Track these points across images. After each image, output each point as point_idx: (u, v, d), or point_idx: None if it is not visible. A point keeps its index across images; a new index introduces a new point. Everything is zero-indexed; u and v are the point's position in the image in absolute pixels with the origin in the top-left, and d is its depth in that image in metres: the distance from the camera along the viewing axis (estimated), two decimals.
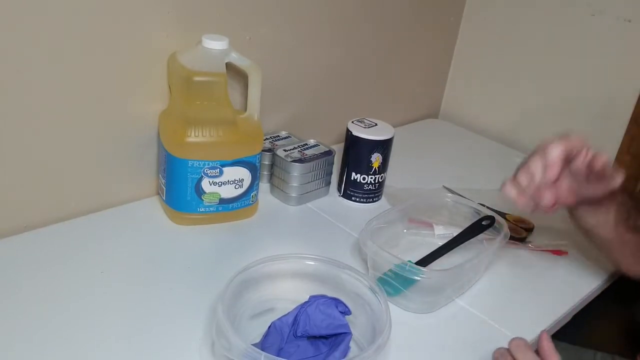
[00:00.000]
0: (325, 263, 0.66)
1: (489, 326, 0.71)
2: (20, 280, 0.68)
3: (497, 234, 0.78)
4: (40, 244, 0.74)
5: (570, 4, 1.14)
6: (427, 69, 1.33)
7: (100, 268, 0.71)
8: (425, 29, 1.25)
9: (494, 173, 1.13)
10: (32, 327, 0.61)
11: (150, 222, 0.83)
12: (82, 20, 0.72)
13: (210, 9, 0.84)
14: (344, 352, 0.59)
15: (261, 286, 0.65)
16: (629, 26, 1.07)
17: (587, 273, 0.84)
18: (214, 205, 0.82)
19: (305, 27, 1.00)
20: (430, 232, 0.86)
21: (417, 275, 0.68)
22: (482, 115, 1.35)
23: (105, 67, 0.77)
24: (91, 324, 0.63)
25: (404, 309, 0.72)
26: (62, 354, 0.59)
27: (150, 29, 0.79)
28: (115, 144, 0.83)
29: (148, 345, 0.61)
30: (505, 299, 0.76)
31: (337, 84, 1.12)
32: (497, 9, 1.26)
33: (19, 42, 0.68)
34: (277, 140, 0.99)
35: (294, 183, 0.90)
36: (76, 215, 0.81)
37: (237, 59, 0.80)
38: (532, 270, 0.83)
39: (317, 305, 0.62)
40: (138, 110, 0.83)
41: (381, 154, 0.91)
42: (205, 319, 0.65)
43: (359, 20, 1.09)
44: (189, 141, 0.77)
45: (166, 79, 0.83)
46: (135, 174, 0.87)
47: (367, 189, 0.94)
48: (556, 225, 0.95)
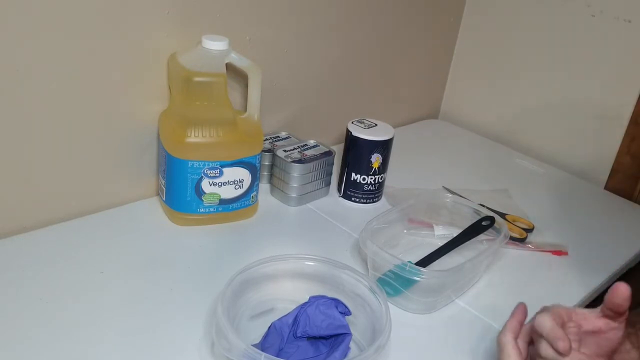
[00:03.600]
0: (325, 263, 0.66)
1: (489, 326, 0.71)
2: (20, 280, 0.68)
3: (497, 234, 0.78)
4: (40, 244, 0.74)
5: (570, 4, 1.14)
6: (427, 69, 1.33)
7: (100, 268, 0.71)
8: (425, 29, 1.25)
9: (494, 173, 1.14)
10: (32, 327, 0.61)
11: (150, 222, 0.83)
12: (81, 20, 0.72)
13: (210, 9, 0.84)
14: (344, 353, 0.59)
15: (261, 286, 0.65)
16: (629, 26, 1.07)
17: (587, 273, 0.84)
18: (214, 205, 0.82)
19: (305, 27, 1.00)
20: (430, 232, 0.86)
21: (417, 276, 0.68)
22: (482, 115, 1.35)
23: (105, 67, 0.77)
24: (91, 324, 0.63)
25: (404, 309, 0.72)
26: (62, 354, 0.59)
27: (150, 29, 0.79)
28: (115, 145, 0.83)
29: (148, 345, 0.61)
30: (505, 299, 0.76)
31: (337, 84, 1.12)
32: (497, 9, 1.26)
33: (19, 42, 0.68)
34: (277, 140, 0.99)
35: (293, 183, 0.90)
36: (76, 215, 0.81)
37: (237, 59, 0.80)
38: (532, 271, 0.83)
39: (317, 305, 0.62)
40: (138, 111, 0.83)
41: (381, 154, 0.91)
42: (205, 319, 0.65)
43: (358, 20, 1.09)
44: (189, 141, 0.77)
45: (166, 79, 0.83)
46: (135, 174, 0.87)
47: (367, 189, 0.94)
48: (556, 225, 0.95)
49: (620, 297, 0.53)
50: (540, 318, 0.55)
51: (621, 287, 0.53)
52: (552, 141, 1.23)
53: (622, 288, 0.53)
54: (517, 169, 1.17)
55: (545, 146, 1.24)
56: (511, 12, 1.24)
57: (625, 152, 1.12)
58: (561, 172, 1.18)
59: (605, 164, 1.15)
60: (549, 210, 1.01)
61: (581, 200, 1.08)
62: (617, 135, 1.12)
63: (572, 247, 0.88)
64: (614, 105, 1.12)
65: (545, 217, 0.97)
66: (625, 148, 1.12)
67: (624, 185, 1.13)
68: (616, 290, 0.53)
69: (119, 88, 0.80)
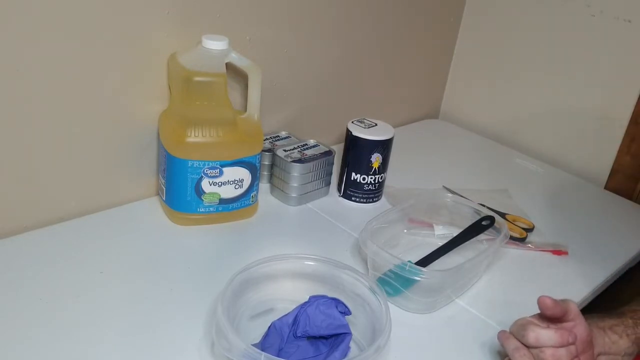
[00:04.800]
0: (325, 263, 0.66)
1: (489, 326, 0.71)
2: (20, 280, 0.68)
3: (497, 234, 0.78)
4: (40, 244, 0.74)
5: (570, 4, 1.14)
6: (427, 69, 1.33)
7: (100, 268, 0.71)
8: (425, 29, 1.25)
9: (494, 173, 1.14)
10: (32, 327, 0.61)
11: (150, 222, 0.83)
12: (81, 20, 0.72)
13: (210, 9, 0.84)
14: (344, 353, 0.59)
15: (261, 286, 0.65)
16: (629, 26, 1.07)
17: (587, 273, 0.84)
18: (214, 205, 0.82)
19: (305, 27, 1.00)
20: (430, 232, 0.86)
21: (417, 276, 0.68)
22: (482, 115, 1.35)
23: (104, 67, 0.77)
24: (91, 324, 0.63)
25: (404, 309, 0.72)
26: (62, 354, 0.59)
27: (150, 29, 0.79)
28: (115, 144, 0.83)
29: (148, 345, 0.61)
30: (505, 299, 0.76)
31: (337, 84, 1.12)
32: (497, 9, 1.26)
33: (19, 42, 0.68)
34: (277, 140, 0.99)
35: (294, 183, 0.90)
36: (76, 215, 0.81)
37: (237, 59, 0.80)
38: (532, 270, 0.83)
39: (317, 305, 0.62)
40: (138, 111, 0.83)
41: (381, 154, 0.91)
42: (205, 319, 0.65)
43: (358, 20, 1.09)
44: (189, 141, 0.77)
45: (166, 79, 0.83)
46: (135, 174, 0.87)
47: (367, 189, 0.94)
48: (556, 225, 0.95)
49: (548, 309, 0.58)
50: (536, 334, 0.57)
51: (543, 301, 0.58)
52: (552, 141, 1.23)
53: (544, 302, 0.58)
54: (517, 169, 1.17)
55: (545, 146, 1.24)
56: (511, 12, 1.24)
57: (625, 152, 1.12)
58: (561, 172, 1.18)
59: (605, 164, 1.15)
60: (549, 210, 1.01)
61: (581, 200, 1.08)
62: (617, 135, 1.12)
63: (572, 247, 0.88)
64: (614, 105, 1.12)
65: (545, 217, 0.97)
66: (625, 148, 1.12)
67: (624, 185, 1.13)
68: (541, 305, 0.58)
69: (118, 88, 0.80)
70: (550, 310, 0.58)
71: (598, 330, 0.63)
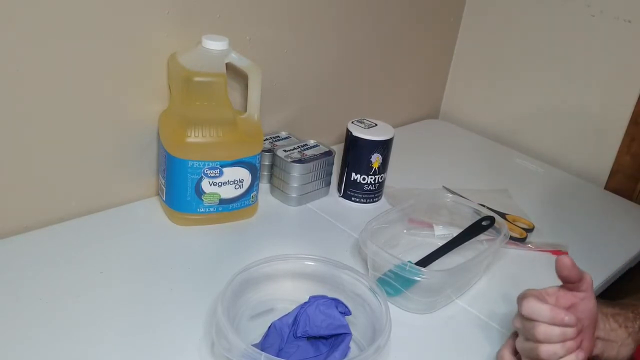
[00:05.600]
0: (325, 263, 0.66)
1: (489, 326, 0.71)
2: (20, 280, 0.68)
3: (497, 234, 0.78)
4: (40, 244, 0.74)
5: (570, 4, 1.14)
6: (427, 69, 1.33)
7: (100, 268, 0.71)
8: (425, 29, 1.25)
9: (494, 173, 1.14)
10: (32, 327, 0.61)
11: (150, 222, 0.83)
12: (81, 20, 0.72)
13: (210, 9, 0.84)
14: (344, 353, 0.59)
15: (261, 286, 0.65)
16: (629, 26, 1.07)
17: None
18: (214, 205, 0.82)
19: (305, 27, 1.00)
20: (430, 232, 0.86)
21: (417, 276, 0.68)
22: (482, 115, 1.35)
23: (104, 67, 0.77)
24: (91, 324, 0.63)
25: (404, 309, 0.72)
26: (62, 354, 0.59)
27: (150, 29, 0.79)
28: (115, 144, 0.83)
29: (148, 345, 0.61)
30: (506, 299, 0.76)
31: (337, 84, 1.12)
32: (497, 9, 1.26)
33: (19, 42, 0.68)
34: (277, 140, 0.99)
35: (294, 183, 0.90)
36: (76, 215, 0.81)
37: (237, 59, 0.80)
38: (532, 271, 0.83)
39: (317, 305, 0.62)
40: (138, 111, 0.83)
41: (381, 154, 0.91)
42: (205, 319, 0.65)
43: (358, 20, 1.09)
44: (189, 141, 0.77)
45: (166, 79, 0.83)
46: (135, 174, 0.87)
47: (367, 189, 0.94)
48: (556, 225, 0.95)
49: (565, 269, 0.57)
50: (530, 305, 0.56)
51: (562, 260, 0.57)
52: (552, 141, 1.23)
53: (563, 260, 0.57)
54: (517, 169, 1.17)
55: (545, 146, 1.24)
56: (511, 12, 1.24)
57: (625, 152, 1.12)
58: (561, 172, 1.18)
59: (605, 164, 1.15)
60: (549, 210, 1.01)
61: (581, 200, 1.08)
62: (617, 135, 1.12)
63: (572, 247, 0.88)
64: (614, 105, 1.12)
65: (545, 217, 0.97)
66: (625, 148, 1.12)
67: (624, 185, 1.13)
68: (559, 264, 0.57)
69: (118, 88, 0.80)
70: (568, 270, 0.57)
71: (601, 315, 0.63)
